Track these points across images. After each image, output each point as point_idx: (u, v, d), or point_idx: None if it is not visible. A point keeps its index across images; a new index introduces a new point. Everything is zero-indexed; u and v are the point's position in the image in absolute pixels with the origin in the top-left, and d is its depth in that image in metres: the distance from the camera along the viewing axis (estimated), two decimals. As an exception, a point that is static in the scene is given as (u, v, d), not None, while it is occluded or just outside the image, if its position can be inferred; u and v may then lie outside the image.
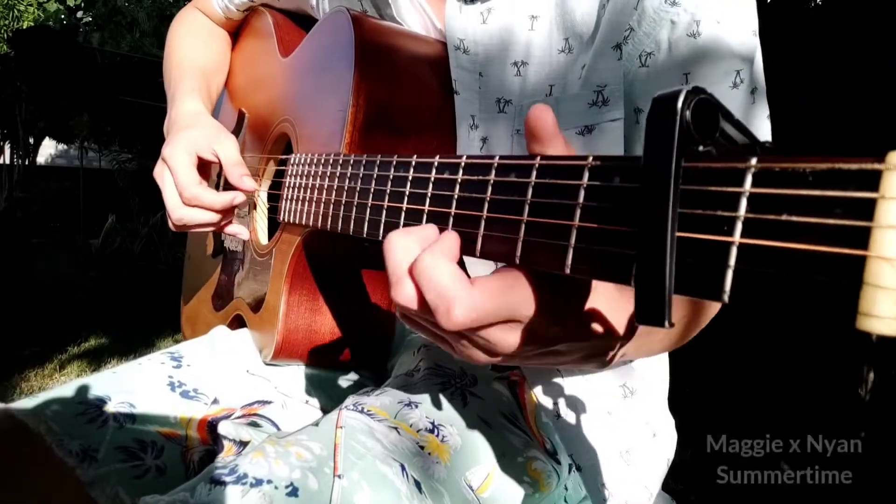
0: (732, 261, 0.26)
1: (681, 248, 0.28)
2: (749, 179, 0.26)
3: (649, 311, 0.28)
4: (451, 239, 0.38)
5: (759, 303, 0.25)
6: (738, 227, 0.26)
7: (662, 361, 0.80)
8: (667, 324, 0.28)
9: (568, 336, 0.39)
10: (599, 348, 0.42)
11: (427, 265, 0.36)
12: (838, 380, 2.27)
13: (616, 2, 0.63)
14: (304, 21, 1.04)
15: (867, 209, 0.22)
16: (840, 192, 0.23)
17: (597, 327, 0.40)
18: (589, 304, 0.39)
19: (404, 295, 0.38)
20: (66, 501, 0.60)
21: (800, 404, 2.25)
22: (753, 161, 0.26)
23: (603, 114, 0.64)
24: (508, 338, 0.38)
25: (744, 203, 0.26)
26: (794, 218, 0.24)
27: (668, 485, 0.82)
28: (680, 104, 0.27)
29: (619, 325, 0.41)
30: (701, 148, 0.28)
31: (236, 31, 1.16)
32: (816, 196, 0.24)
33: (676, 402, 0.83)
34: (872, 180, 0.22)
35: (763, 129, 0.63)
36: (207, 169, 0.84)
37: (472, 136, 0.72)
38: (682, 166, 0.28)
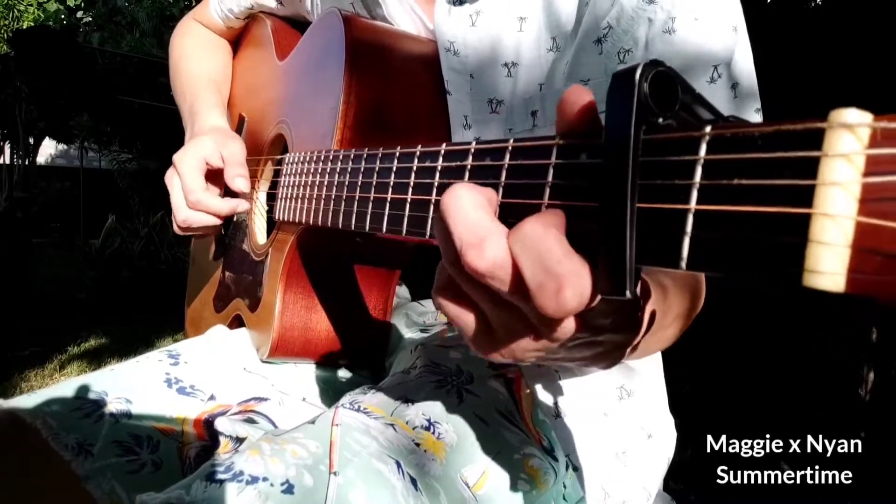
0: (689, 227, 0.26)
1: (641, 219, 0.28)
2: (704, 147, 0.26)
3: (612, 283, 0.28)
4: (557, 214, 0.32)
5: (714, 267, 0.25)
6: (694, 194, 0.26)
7: (656, 362, 0.80)
8: (628, 293, 0.28)
9: (614, 327, 0.37)
10: (623, 343, 0.41)
11: (538, 234, 0.30)
12: (838, 380, 2.27)
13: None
14: (302, 26, 1.05)
15: (811, 168, 0.22)
16: (786, 153, 0.23)
17: (628, 320, 0.38)
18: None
19: (492, 260, 0.31)
20: (62, 495, 0.60)
21: (800, 404, 2.24)
22: (708, 129, 0.26)
23: None
24: (571, 324, 0.34)
25: (699, 170, 0.26)
26: (745, 181, 0.24)
27: (668, 485, 0.82)
28: (638, 76, 0.28)
29: (641, 319, 0.40)
30: (661, 120, 0.28)
31: (237, 39, 1.17)
32: (765, 158, 0.24)
33: (676, 403, 0.83)
34: (816, 139, 0.22)
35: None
36: (220, 177, 0.86)
37: (467, 135, 0.73)
38: (641, 138, 0.28)
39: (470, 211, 0.32)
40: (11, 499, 0.60)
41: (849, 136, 0.22)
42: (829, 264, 0.22)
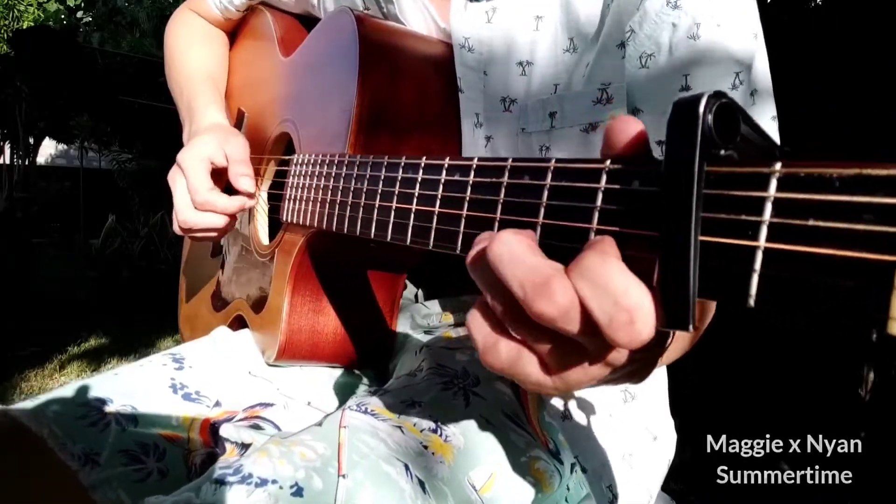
0: (758, 265, 0.26)
1: (704, 253, 0.28)
2: (774, 184, 0.26)
3: (674, 316, 0.28)
4: (612, 242, 0.31)
5: (784, 308, 0.25)
6: (764, 231, 0.26)
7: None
8: (691, 328, 0.28)
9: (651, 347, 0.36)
10: (653, 359, 0.40)
11: (598, 265, 0.30)
12: (838, 380, 2.27)
13: (620, 2, 0.64)
14: (304, 20, 1.04)
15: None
16: (869, 198, 0.23)
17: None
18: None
19: (560, 303, 0.30)
20: None
21: (800, 404, 2.25)
22: (778, 166, 0.26)
23: (607, 111, 0.65)
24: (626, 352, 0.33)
25: (769, 207, 0.26)
26: (822, 223, 0.24)
27: (668, 485, 0.82)
28: (702, 108, 0.27)
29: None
30: (722, 152, 0.28)
31: (234, 30, 1.16)
32: (844, 201, 0.24)
33: (676, 403, 0.83)
34: None
35: (769, 131, 0.63)
36: (223, 175, 0.85)
37: (477, 134, 0.73)
38: (704, 170, 0.28)
39: (527, 257, 0.31)
40: None
41: None
42: None
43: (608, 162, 0.33)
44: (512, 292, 0.31)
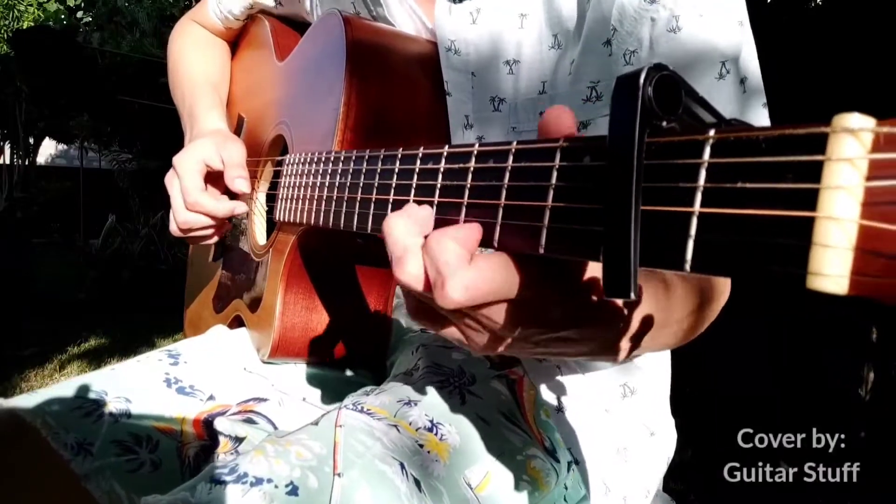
0: (693, 230, 0.26)
1: (645, 222, 0.28)
2: (707, 150, 0.26)
3: (616, 284, 0.29)
4: (470, 228, 0.37)
5: (718, 269, 0.26)
6: (698, 197, 0.26)
7: (664, 361, 0.81)
8: (632, 295, 0.28)
9: (573, 321, 0.39)
10: (608, 341, 0.42)
11: (432, 243, 0.36)
12: (839, 379, 2.27)
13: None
14: (301, 26, 1.04)
15: (815, 171, 0.23)
16: (790, 157, 0.24)
17: (602, 315, 0.39)
18: (596, 294, 0.39)
19: (406, 272, 0.37)
20: (62, 494, 0.60)
21: (800, 404, 2.25)
22: (711, 132, 0.26)
23: (598, 109, 0.65)
24: (509, 317, 0.38)
25: (703, 173, 0.26)
26: (749, 185, 0.25)
27: (668, 485, 0.82)
28: (642, 80, 0.28)
29: (626, 316, 0.41)
30: (664, 124, 0.28)
31: (235, 40, 1.17)
32: (769, 162, 0.24)
33: (677, 403, 0.83)
34: (820, 143, 0.23)
35: (760, 119, 0.63)
36: (221, 180, 0.86)
37: (468, 135, 0.73)
38: (645, 141, 0.28)
39: (398, 231, 0.39)
40: (11, 497, 0.60)
41: (852, 140, 0.22)
42: (832, 267, 0.22)
43: (561, 140, 0.33)
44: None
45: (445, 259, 0.35)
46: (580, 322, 0.39)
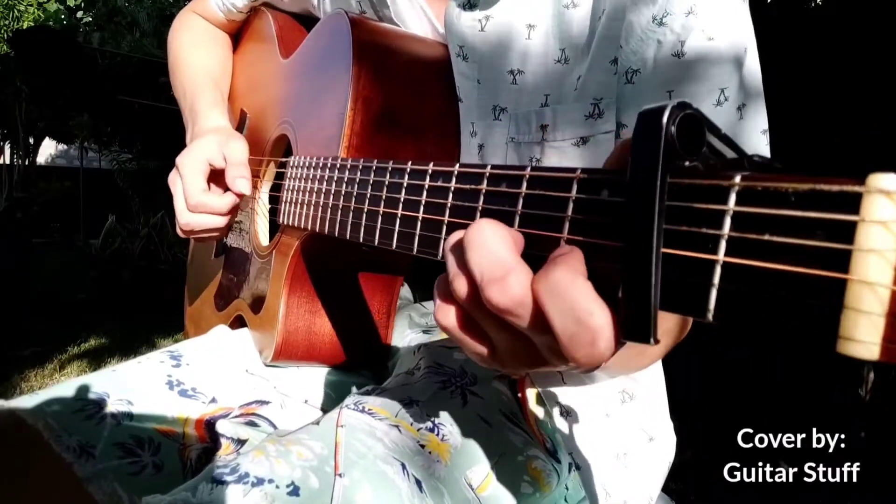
0: (717, 279, 0.26)
1: (666, 265, 0.27)
2: (733, 197, 0.26)
3: (635, 328, 0.28)
4: (581, 257, 0.32)
5: (742, 322, 0.25)
6: (723, 245, 0.26)
7: (657, 368, 0.81)
8: (652, 340, 0.28)
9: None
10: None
11: (567, 283, 0.30)
12: (839, 379, 2.27)
13: (609, 16, 0.63)
14: (305, 21, 1.04)
15: (848, 232, 0.22)
16: (821, 214, 0.23)
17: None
18: None
19: (512, 295, 0.31)
20: (64, 497, 0.60)
21: (800, 403, 2.25)
22: (737, 179, 0.26)
23: (598, 125, 0.65)
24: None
25: (728, 221, 0.26)
26: (777, 238, 0.24)
27: (668, 485, 0.82)
28: (665, 119, 0.27)
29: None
30: (687, 163, 0.28)
31: (237, 32, 1.16)
32: (798, 217, 0.23)
33: (676, 403, 0.83)
34: (853, 203, 0.22)
35: (756, 144, 0.63)
36: (223, 178, 0.85)
37: (472, 142, 0.73)
38: (667, 181, 0.27)
39: (497, 247, 0.32)
40: (11, 499, 0.60)
41: (886, 201, 0.21)
42: (864, 333, 0.21)
43: (579, 171, 0.33)
44: (473, 276, 0.33)
45: (589, 309, 0.29)
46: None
